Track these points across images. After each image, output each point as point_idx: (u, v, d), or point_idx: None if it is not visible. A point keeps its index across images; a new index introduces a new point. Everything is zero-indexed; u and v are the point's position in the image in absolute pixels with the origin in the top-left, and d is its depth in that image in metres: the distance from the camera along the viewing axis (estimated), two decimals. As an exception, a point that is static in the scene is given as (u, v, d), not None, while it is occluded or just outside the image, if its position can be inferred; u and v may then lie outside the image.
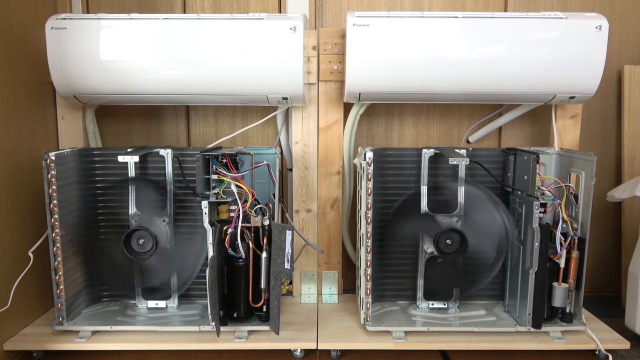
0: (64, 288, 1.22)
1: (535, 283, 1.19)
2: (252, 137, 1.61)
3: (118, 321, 1.27)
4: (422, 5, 1.56)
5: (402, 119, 1.60)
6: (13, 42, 1.25)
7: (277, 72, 1.28)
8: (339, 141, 1.45)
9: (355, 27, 1.26)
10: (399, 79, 1.29)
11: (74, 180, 1.28)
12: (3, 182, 1.20)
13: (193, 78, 1.29)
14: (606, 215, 1.65)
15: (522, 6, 1.56)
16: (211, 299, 1.15)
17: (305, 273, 1.50)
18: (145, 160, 1.33)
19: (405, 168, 1.34)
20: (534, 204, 1.16)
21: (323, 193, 1.47)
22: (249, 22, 1.26)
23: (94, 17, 1.27)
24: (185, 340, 1.20)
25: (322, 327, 1.29)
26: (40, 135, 1.37)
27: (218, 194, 1.22)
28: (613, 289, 1.64)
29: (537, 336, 1.23)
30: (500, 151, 1.34)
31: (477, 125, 1.59)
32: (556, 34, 1.25)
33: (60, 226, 1.20)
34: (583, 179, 1.22)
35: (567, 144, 1.45)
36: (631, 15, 1.57)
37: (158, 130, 1.60)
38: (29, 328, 1.28)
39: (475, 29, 1.25)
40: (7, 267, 1.21)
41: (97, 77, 1.28)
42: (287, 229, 1.17)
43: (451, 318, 1.30)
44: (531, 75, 1.28)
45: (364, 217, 1.22)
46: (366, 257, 1.22)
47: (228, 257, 1.21)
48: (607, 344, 1.21)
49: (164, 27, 1.26)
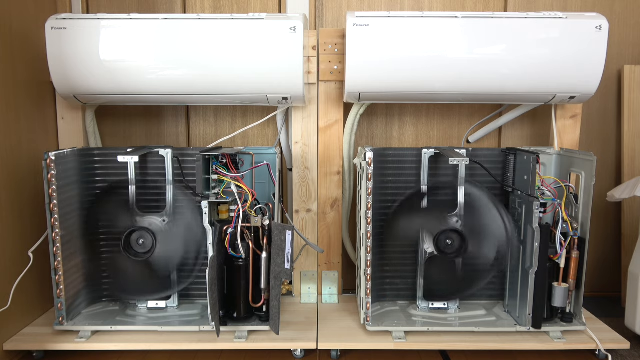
0: (64, 288, 1.22)
1: (535, 283, 1.19)
2: (252, 137, 1.61)
3: (118, 321, 1.27)
4: (422, 5, 1.56)
5: (402, 119, 1.60)
6: (13, 42, 1.25)
7: (277, 72, 1.28)
8: (339, 141, 1.45)
9: (355, 27, 1.26)
10: (399, 79, 1.29)
11: (74, 180, 1.28)
12: (3, 182, 1.20)
13: (193, 78, 1.29)
14: (606, 215, 1.65)
15: (522, 6, 1.56)
16: (211, 299, 1.15)
17: (305, 273, 1.50)
18: (145, 160, 1.33)
19: (405, 168, 1.34)
20: (534, 204, 1.16)
21: (323, 193, 1.47)
22: (249, 22, 1.26)
23: (94, 17, 1.27)
24: (185, 340, 1.20)
25: (322, 327, 1.29)
26: (40, 135, 1.37)
27: (218, 194, 1.22)
28: (613, 289, 1.64)
29: (537, 336, 1.23)
30: (500, 151, 1.34)
31: (477, 125, 1.59)
32: (556, 34, 1.25)
33: (60, 226, 1.20)
34: (583, 179, 1.22)
35: (567, 144, 1.45)
36: (631, 15, 1.57)
37: (158, 130, 1.60)
38: (29, 328, 1.28)
39: (475, 29, 1.25)
40: (7, 267, 1.21)
41: (97, 77, 1.28)
42: (287, 229, 1.17)
43: (451, 318, 1.30)
44: (531, 75, 1.28)
45: (364, 217, 1.22)
46: (366, 257, 1.22)
47: (228, 257, 1.21)
48: (607, 344, 1.21)
49: (164, 27, 1.26)
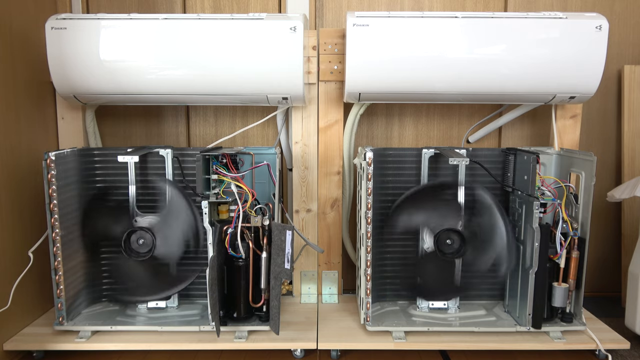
0: (64, 288, 1.22)
1: (535, 283, 1.19)
2: (252, 137, 1.61)
3: (118, 321, 1.27)
4: (422, 5, 1.56)
5: (402, 119, 1.60)
6: (13, 42, 1.25)
7: (277, 72, 1.28)
8: (339, 141, 1.45)
9: (355, 27, 1.26)
10: (399, 79, 1.29)
11: (74, 180, 1.28)
12: (3, 182, 1.20)
13: (193, 78, 1.29)
14: (606, 215, 1.65)
15: (522, 6, 1.56)
16: (211, 299, 1.15)
17: (305, 273, 1.50)
18: (145, 160, 1.33)
19: (405, 168, 1.34)
20: (534, 204, 1.16)
21: (323, 193, 1.47)
22: (249, 22, 1.26)
23: (94, 17, 1.27)
24: (185, 340, 1.20)
25: (322, 327, 1.29)
26: (40, 135, 1.37)
27: (218, 194, 1.22)
28: (613, 289, 1.64)
29: (537, 336, 1.23)
30: (500, 151, 1.34)
31: (477, 125, 1.59)
32: (556, 34, 1.25)
33: (60, 226, 1.20)
34: (583, 179, 1.22)
35: (567, 144, 1.45)
36: (631, 15, 1.57)
37: (158, 130, 1.60)
38: (29, 328, 1.28)
39: (475, 29, 1.25)
40: (7, 267, 1.21)
41: (97, 77, 1.28)
42: (287, 229, 1.17)
43: (451, 318, 1.30)
44: (531, 75, 1.28)
45: (364, 217, 1.22)
46: (366, 257, 1.22)
47: (228, 257, 1.21)
48: (607, 344, 1.21)
49: (164, 27, 1.26)
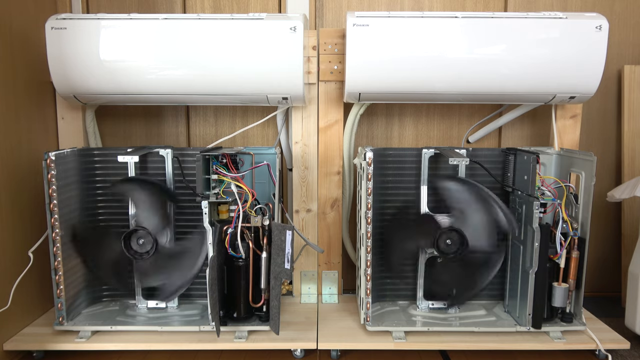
0: (64, 288, 1.22)
1: (535, 283, 1.19)
2: (252, 137, 1.61)
3: (118, 321, 1.27)
4: (422, 5, 1.56)
5: (402, 119, 1.60)
6: (13, 42, 1.25)
7: (277, 72, 1.28)
8: (339, 141, 1.45)
9: (355, 27, 1.26)
10: (399, 79, 1.29)
11: (74, 180, 1.28)
12: (3, 182, 1.20)
13: (193, 78, 1.29)
14: (606, 215, 1.65)
15: (522, 6, 1.56)
16: (211, 299, 1.15)
17: (305, 273, 1.50)
18: (145, 160, 1.33)
19: (405, 168, 1.33)
20: (534, 204, 1.16)
21: (323, 193, 1.47)
22: (249, 22, 1.26)
23: (94, 17, 1.27)
24: (185, 340, 1.20)
25: (322, 327, 1.29)
26: (40, 135, 1.37)
27: (218, 194, 1.22)
28: (613, 289, 1.64)
29: (537, 336, 1.23)
30: (500, 151, 1.34)
31: (477, 125, 1.59)
32: (556, 34, 1.25)
33: (60, 226, 1.20)
34: (583, 179, 1.22)
35: (567, 144, 1.45)
36: (631, 15, 1.57)
37: (158, 130, 1.60)
38: (29, 328, 1.28)
39: (475, 29, 1.25)
40: (7, 267, 1.21)
41: (97, 77, 1.28)
42: (287, 229, 1.17)
43: (451, 318, 1.30)
44: (531, 75, 1.28)
45: (364, 217, 1.22)
46: (366, 257, 1.22)
47: (228, 257, 1.21)
48: (607, 344, 1.21)
49: (164, 27, 1.26)
